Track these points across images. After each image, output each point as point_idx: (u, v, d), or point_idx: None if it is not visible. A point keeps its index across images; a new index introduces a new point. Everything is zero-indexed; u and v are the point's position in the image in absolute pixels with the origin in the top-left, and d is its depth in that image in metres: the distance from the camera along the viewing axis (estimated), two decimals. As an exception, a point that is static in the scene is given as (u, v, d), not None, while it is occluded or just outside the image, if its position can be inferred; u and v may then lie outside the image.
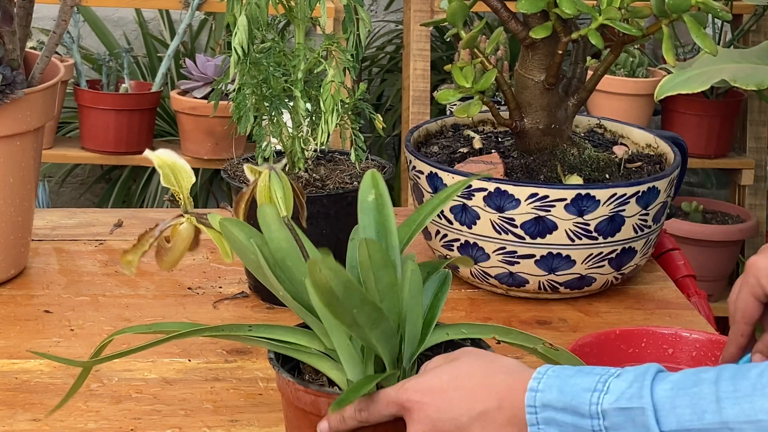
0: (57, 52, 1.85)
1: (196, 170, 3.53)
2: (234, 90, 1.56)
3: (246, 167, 1.18)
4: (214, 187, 3.67)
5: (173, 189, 1.15)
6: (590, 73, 1.66)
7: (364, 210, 1.20)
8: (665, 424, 0.96)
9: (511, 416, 1.04)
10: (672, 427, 0.96)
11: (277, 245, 1.15)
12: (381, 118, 1.59)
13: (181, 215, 1.16)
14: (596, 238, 1.57)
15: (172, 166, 1.14)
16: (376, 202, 1.20)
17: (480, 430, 1.05)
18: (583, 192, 1.55)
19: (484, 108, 1.65)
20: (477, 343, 1.20)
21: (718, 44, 3.25)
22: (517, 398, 1.03)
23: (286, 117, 1.58)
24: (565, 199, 1.54)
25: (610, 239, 1.58)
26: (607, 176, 1.65)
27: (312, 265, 1.00)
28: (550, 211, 1.55)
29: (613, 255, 1.60)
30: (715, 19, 3.17)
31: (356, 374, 1.13)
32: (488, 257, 1.59)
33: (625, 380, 1.00)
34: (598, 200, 1.55)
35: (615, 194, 1.56)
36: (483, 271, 1.61)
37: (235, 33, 1.51)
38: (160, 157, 1.14)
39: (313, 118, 1.57)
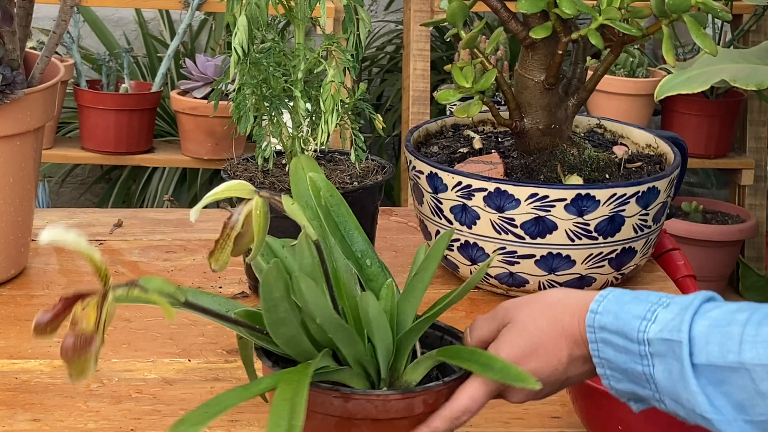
0: (57, 52, 1.85)
1: (195, 170, 3.55)
2: (234, 90, 1.56)
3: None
4: (214, 187, 3.67)
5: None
6: (590, 73, 1.66)
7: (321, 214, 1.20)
8: (697, 357, 1.03)
9: (587, 351, 1.11)
10: (701, 361, 1.02)
11: (305, 270, 1.16)
12: (381, 118, 1.59)
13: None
14: (596, 238, 1.57)
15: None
16: (328, 204, 1.21)
17: (573, 370, 1.12)
18: (583, 192, 1.55)
19: (484, 108, 1.65)
20: (454, 334, 1.22)
21: (718, 44, 3.25)
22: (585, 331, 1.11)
23: (286, 117, 1.58)
24: (565, 199, 1.54)
25: (610, 239, 1.58)
26: (607, 176, 1.65)
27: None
28: (550, 211, 1.55)
29: (613, 255, 1.60)
30: (715, 19, 3.17)
31: (386, 372, 1.16)
32: (488, 257, 1.59)
33: (671, 311, 1.06)
34: (598, 200, 1.55)
35: (615, 194, 1.56)
36: (483, 271, 1.61)
37: (235, 33, 1.51)
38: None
39: (313, 118, 1.57)
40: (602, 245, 1.58)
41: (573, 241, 1.57)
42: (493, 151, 1.70)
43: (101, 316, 0.98)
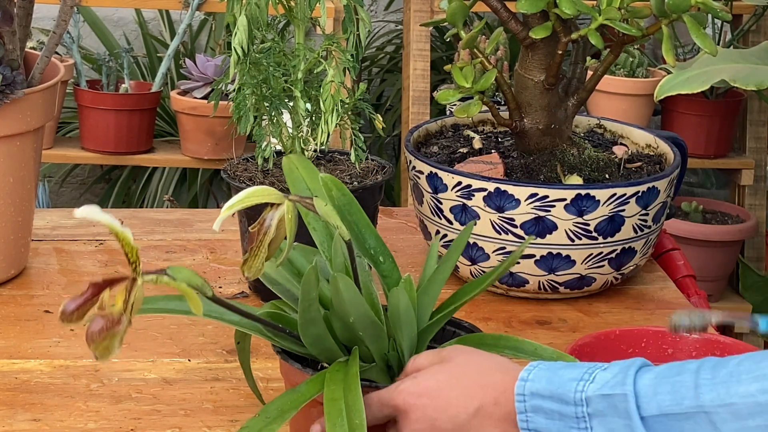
0: (57, 52, 1.85)
1: (195, 170, 3.55)
2: (234, 90, 1.56)
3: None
4: (214, 187, 3.67)
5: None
6: (590, 73, 1.66)
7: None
8: (646, 409, 1.00)
9: (507, 412, 1.07)
10: (652, 413, 1.00)
11: (336, 269, 1.19)
12: (381, 118, 1.59)
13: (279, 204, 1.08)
14: (596, 238, 1.57)
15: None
16: (341, 203, 1.22)
17: (478, 427, 1.07)
18: (583, 192, 1.55)
19: (484, 108, 1.65)
20: (467, 328, 1.23)
21: (718, 44, 3.25)
22: (512, 394, 1.07)
23: (286, 117, 1.58)
24: (565, 199, 1.54)
25: (610, 239, 1.58)
26: (607, 176, 1.65)
27: None
28: (550, 211, 1.55)
29: (613, 255, 1.60)
30: (715, 19, 3.17)
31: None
32: (488, 257, 1.59)
33: (610, 372, 1.03)
34: (598, 200, 1.55)
35: (615, 194, 1.56)
36: (483, 271, 1.61)
37: (235, 33, 1.51)
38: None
39: (313, 118, 1.57)
40: (602, 245, 1.58)
41: (573, 241, 1.57)
42: (493, 151, 1.70)
43: (130, 299, 0.99)
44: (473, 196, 1.57)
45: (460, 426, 1.07)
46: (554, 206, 1.55)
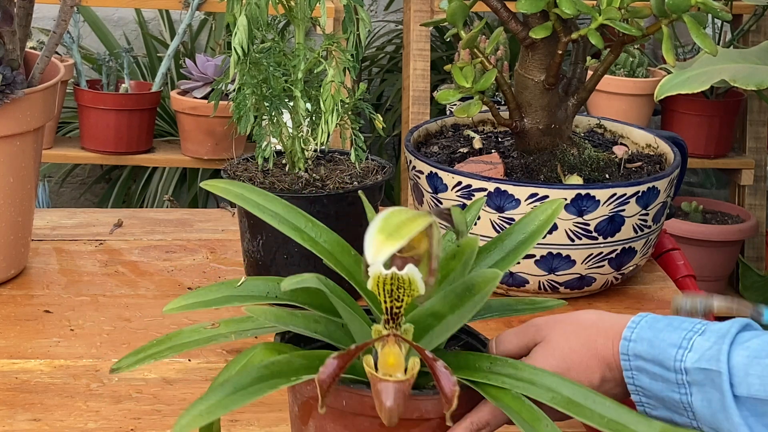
0: (57, 52, 1.85)
1: (195, 170, 3.55)
2: (234, 90, 1.56)
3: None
4: (214, 187, 3.67)
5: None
6: (590, 73, 1.66)
7: None
8: (738, 389, 1.02)
9: (621, 373, 1.10)
10: (743, 393, 1.02)
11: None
12: (381, 118, 1.59)
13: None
14: (596, 238, 1.57)
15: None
16: None
17: (605, 393, 1.10)
18: (583, 192, 1.55)
19: (484, 108, 1.65)
20: (476, 337, 1.22)
21: (718, 44, 3.25)
22: (619, 355, 1.10)
23: (286, 117, 1.58)
24: (565, 199, 1.54)
25: (610, 239, 1.58)
26: (607, 176, 1.65)
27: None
28: (550, 211, 1.55)
29: (613, 255, 1.60)
30: (715, 19, 3.17)
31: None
32: (488, 257, 1.59)
33: (707, 339, 1.05)
34: (598, 200, 1.55)
35: (615, 194, 1.56)
36: (483, 271, 1.61)
37: (235, 33, 1.51)
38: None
39: (313, 118, 1.57)
40: (602, 245, 1.58)
41: (573, 241, 1.57)
42: (493, 151, 1.70)
43: None
44: (473, 196, 1.57)
45: None
46: (554, 206, 1.55)
